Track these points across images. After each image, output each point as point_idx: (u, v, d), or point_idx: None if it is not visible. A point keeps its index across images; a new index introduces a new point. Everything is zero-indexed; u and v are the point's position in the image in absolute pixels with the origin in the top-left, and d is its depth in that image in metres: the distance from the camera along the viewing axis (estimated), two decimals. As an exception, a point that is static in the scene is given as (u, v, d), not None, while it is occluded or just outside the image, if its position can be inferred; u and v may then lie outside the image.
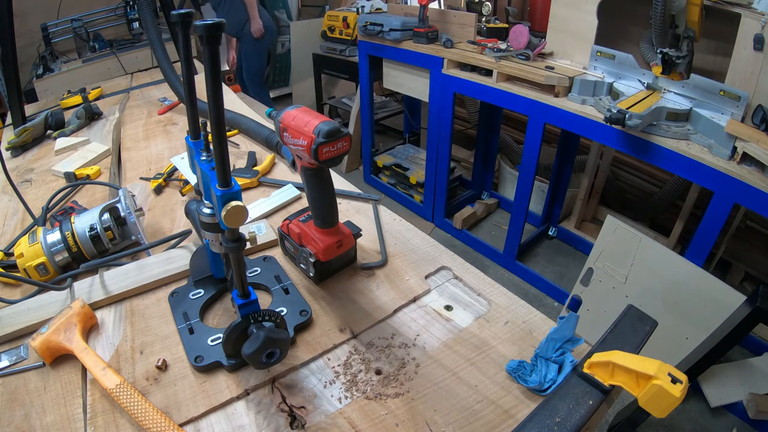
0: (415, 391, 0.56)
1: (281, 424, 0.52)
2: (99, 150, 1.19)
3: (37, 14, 2.27)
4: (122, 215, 0.80)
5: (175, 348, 0.61)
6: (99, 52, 2.19)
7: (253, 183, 1.01)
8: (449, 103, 2.08)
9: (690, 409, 1.54)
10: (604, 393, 0.50)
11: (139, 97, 1.68)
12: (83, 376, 0.58)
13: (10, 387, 0.57)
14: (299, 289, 0.70)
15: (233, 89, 1.97)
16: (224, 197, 0.45)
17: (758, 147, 1.20)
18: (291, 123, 0.60)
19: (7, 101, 1.37)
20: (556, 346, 0.57)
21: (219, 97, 0.42)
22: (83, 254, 0.77)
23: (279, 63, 3.82)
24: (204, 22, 0.38)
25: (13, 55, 1.28)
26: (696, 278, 1.44)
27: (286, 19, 3.58)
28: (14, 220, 0.94)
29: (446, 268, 0.76)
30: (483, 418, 0.52)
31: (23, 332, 0.64)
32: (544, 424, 0.47)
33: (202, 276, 0.71)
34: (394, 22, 2.16)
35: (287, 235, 0.74)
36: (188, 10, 0.52)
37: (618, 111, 1.34)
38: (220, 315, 0.68)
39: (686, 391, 0.42)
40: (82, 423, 0.52)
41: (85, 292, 0.69)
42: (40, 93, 1.99)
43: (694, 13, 1.26)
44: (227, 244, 0.49)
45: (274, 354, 0.52)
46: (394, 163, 2.70)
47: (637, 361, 0.46)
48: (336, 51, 2.87)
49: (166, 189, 1.02)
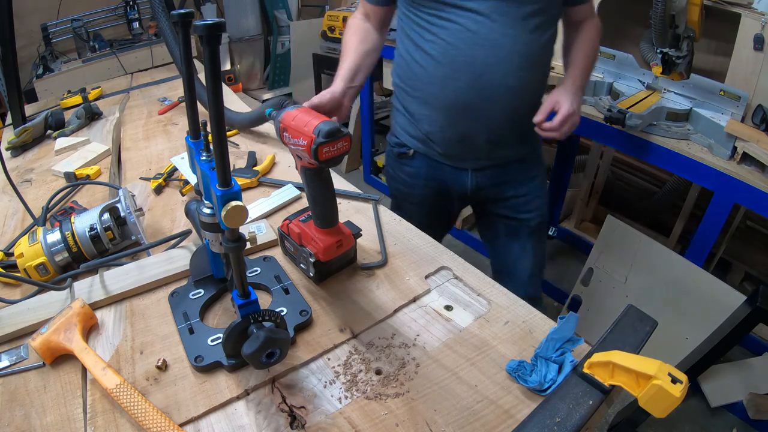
0: (415, 391, 0.56)
1: (281, 424, 0.52)
2: (99, 150, 1.19)
3: (37, 14, 2.26)
4: (122, 215, 0.80)
5: (175, 348, 0.61)
6: (99, 52, 2.19)
7: (253, 183, 1.01)
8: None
9: (690, 409, 1.54)
10: (604, 393, 0.50)
11: (139, 97, 1.68)
12: (83, 376, 0.58)
13: (10, 387, 0.57)
14: (299, 289, 0.70)
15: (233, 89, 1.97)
16: (224, 197, 0.45)
17: (758, 147, 1.20)
18: (291, 123, 0.60)
19: (7, 101, 1.37)
20: (556, 346, 0.57)
21: (219, 97, 0.42)
22: (83, 254, 0.77)
23: (279, 63, 3.81)
24: (204, 22, 0.38)
25: (13, 55, 1.28)
26: (696, 278, 1.44)
27: (286, 19, 3.57)
28: (14, 220, 0.94)
29: (446, 268, 0.76)
30: (483, 418, 0.52)
31: (23, 332, 0.64)
32: (544, 424, 0.47)
33: (202, 276, 0.71)
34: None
35: (287, 235, 0.74)
36: (188, 10, 0.52)
37: (618, 111, 1.34)
38: (220, 315, 0.68)
39: (686, 391, 0.42)
40: (82, 423, 0.52)
41: (85, 292, 0.69)
42: (40, 93, 1.98)
43: (694, 13, 1.26)
44: (227, 244, 0.49)
45: (274, 354, 0.52)
46: (394, 163, 2.70)
47: (637, 361, 0.46)
48: (336, 51, 2.86)
49: (166, 189, 1.02)
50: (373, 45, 1.02)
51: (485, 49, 0.89)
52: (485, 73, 0.90)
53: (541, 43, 0.92)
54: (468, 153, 1.03)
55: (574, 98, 0.93)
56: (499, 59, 0.89)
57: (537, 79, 0.99)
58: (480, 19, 0.87)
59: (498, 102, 0.94)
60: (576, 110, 0.92)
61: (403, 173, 1.13)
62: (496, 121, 0.96)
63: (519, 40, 0.88)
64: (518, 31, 0.88)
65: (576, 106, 0.93)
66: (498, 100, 0.93)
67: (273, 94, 3.98)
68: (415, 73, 0.99)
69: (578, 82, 0.98)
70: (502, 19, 0.87)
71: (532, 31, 0.89)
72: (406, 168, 1.12)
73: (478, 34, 0.88)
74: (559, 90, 0.96)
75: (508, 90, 0.92)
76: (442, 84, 0.95)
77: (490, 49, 0.88)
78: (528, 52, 0.90)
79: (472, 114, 0.96)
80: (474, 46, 0.89)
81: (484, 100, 0.93)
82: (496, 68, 0.90)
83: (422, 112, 1.02)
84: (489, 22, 0.87)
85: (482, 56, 0.89)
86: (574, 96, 0.94)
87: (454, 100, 0.95)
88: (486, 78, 0.91)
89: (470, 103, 0.94)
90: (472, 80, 0.92)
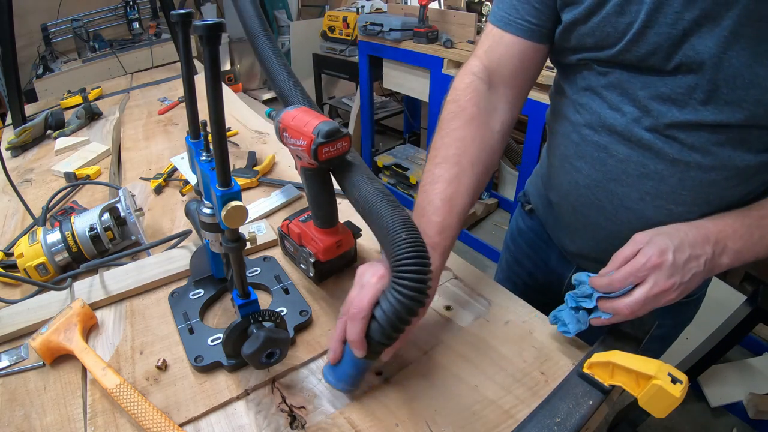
0: (415, 391, 0.56)
1: (281, 424, 0.52)
2: (99, 150, 1.19)
3: (37, 14, 2.26)
4: (122, 215, 0.80)
5: (175, 348, 0.61)
6: (99, 52, 2.19)
7: (253, 183, 1.01)
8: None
9: (690, 409, 1.55)
10: (604, 393, 0.50)
11: (139, 97, 1.68)
12: (83, 376, 0.58)
13: (10, 387, 0.57)
14: (299, 289, 0.70)
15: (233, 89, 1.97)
16: (224, 197, 0.45)
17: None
18: (290, 123, 0.60)
19: (7, 101, 1.37)
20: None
21: (219, 97, 0.42)
22: (83, 254, 0.77)
23: (279, 63, 3.82)
24: (204, 22, 0.38)
25: (13, 55, 1.28)
26: (696, 278, 1.44)
27: (286, 19, 3.57)
28: (14, 220, 0.94)
29: (446, 268, 0.76)
30: (483, 418, 0.52)
31: (23, 332, 0.64)
32: (544, 424, 0.47)
33: (202, 276, 0.71)
34: (394, 22, 2.16)
35: (287, 235, 0.74)
36: (188, 10, 0.51)
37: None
38: (220, 315, 0.68)
39: (686, 391, 0.42)
40: (82, 423, 0.52)
41: (85, 292, 0.69)
42: (40, 93, 1.99)
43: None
44: (227, 244, 0.49)
45: (274, 354, 0.52)
46: (394, 163, 2.70)
47: (637, 361, 0.46)
48: (336, 51, 2.87)
49: (166, 189, 1.02)
50: (500, 135, 0.63)
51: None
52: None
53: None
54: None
55: (676, 239, 0.50)
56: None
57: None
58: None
59: (620, 225, 0.63)
60: (663, 261, 0.49)
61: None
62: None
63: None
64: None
65: (667, 251, 0.49)
66: (620, 224, 0.63)
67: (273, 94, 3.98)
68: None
69: (725, 231, 0.52)
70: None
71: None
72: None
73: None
74: (666, 227, 0.53)
75: (638, 218, 0.61)
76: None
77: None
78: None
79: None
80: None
81: (602, 214, 0.64)
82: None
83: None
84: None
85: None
86: (683, 237, 0.50)
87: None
88: (610, 189, 0.61)
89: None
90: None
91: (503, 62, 0.62)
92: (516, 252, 0.93)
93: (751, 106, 0.48)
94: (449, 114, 0.61)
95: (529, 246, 0.88)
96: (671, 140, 0.54)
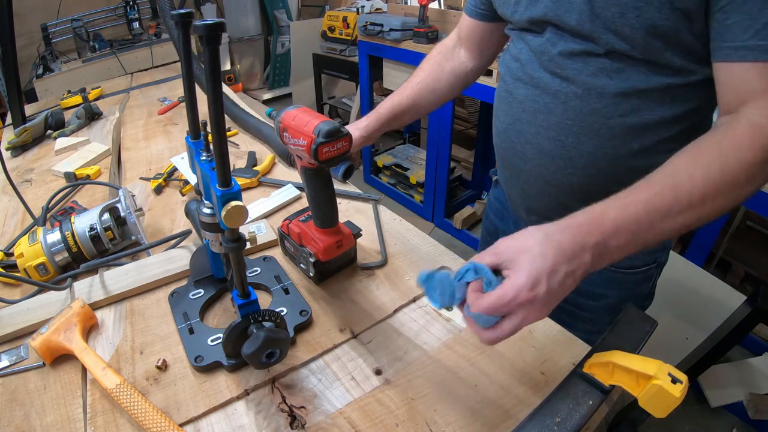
0: (415, 391, 0.56)
1: (281, 424, 0.52)
2: (99, 150, 1.19)
3: (37, 14, 2.27)
4: (122, 215, 0.80)
5: (175, 348, 0.61)
6: (99, 52, 2.20)
7: (253, 183, 1.01)
8: (449, 103, 2.08)
9: (690, 409, 1.54)
10: (604, 393, 0.50)
11: (139, 97, 1.68)
12: (83, 376, 0.58)
13: (10, 387, 0.57)
14: (299, 289, 0.70)
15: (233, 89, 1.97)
16: (224, 197, 0.45)
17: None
18: (291, 123, 0.60)
19: (7, 101, 1.37)
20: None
21: (219, 97, 0.42)
22: (83, 254, 0.77)
23: (279, 63, 3.82)
24: (204, 22, 0.38)
25: (13, 55, 1.28)
26: (696, 278, 1.44)
27: (286, 19, 3.57)
28: (14, 220, 0.94)
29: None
30: (483, 418, 0.52)
31: (23, 332, 0.64)
32: (544, 424, 0.47)
33: (202, 276, 0.71)
34: (394, 22, 2.16)
35: (287, 235, 0.74)
36: (188, 10, 0.51)
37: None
38: (220, 315, 0.68)
39: (686, 391, 0.42)
40: (82, 423, 0.52)
41: (85, 292, 0.69)
42: (40, 93, 1.99)
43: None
44: (227, 244, 0.49)
45: (274, 354, 0.52)
46: (394, 163, 2.70)
47: (637, 361, 0.46)
48: (336, 51, 2.87)
49: (166, 189, 1.02)
50: (451, 73, 0.84)
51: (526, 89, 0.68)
52: (517, 121, 0.71)
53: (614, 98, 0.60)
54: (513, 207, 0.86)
55: (550, 259, 0.43)
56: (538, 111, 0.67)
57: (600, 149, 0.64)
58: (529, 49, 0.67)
59: (529, 162, 0.71)
60: (535, 296, 0.42)
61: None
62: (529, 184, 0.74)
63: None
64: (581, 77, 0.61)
65: (539, 283, 0.42)
66: (529, 161, 0.71)
67: (273, 94, 3.99)
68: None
69: (604, 227, 0.45)
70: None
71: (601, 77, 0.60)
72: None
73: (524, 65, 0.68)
74: (536, 230, 0.46)
75: (539, 152, 0.69)
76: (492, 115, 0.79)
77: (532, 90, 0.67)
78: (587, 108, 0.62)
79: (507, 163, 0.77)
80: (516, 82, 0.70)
81: (516, 155, 0.73)
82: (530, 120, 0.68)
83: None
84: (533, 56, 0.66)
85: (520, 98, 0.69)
86: (556, 253, 0.43)
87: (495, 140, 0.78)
88: (516, 128, 0.71)
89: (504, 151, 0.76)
90: (506, 125, 0.74)
91: (467, 35, 0.84)
92: (488, 225, 1.01)
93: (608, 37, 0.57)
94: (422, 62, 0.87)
95: (497, 216, 0.97)
96: (553, 74, 0.64)
